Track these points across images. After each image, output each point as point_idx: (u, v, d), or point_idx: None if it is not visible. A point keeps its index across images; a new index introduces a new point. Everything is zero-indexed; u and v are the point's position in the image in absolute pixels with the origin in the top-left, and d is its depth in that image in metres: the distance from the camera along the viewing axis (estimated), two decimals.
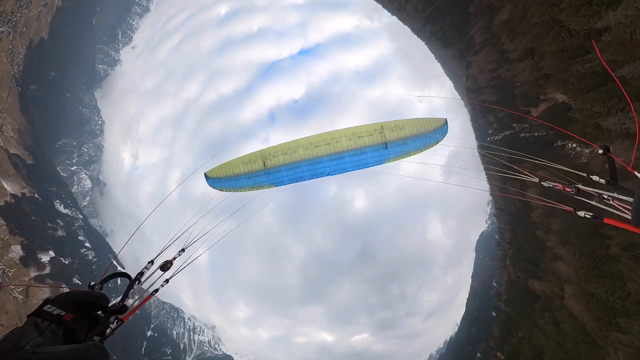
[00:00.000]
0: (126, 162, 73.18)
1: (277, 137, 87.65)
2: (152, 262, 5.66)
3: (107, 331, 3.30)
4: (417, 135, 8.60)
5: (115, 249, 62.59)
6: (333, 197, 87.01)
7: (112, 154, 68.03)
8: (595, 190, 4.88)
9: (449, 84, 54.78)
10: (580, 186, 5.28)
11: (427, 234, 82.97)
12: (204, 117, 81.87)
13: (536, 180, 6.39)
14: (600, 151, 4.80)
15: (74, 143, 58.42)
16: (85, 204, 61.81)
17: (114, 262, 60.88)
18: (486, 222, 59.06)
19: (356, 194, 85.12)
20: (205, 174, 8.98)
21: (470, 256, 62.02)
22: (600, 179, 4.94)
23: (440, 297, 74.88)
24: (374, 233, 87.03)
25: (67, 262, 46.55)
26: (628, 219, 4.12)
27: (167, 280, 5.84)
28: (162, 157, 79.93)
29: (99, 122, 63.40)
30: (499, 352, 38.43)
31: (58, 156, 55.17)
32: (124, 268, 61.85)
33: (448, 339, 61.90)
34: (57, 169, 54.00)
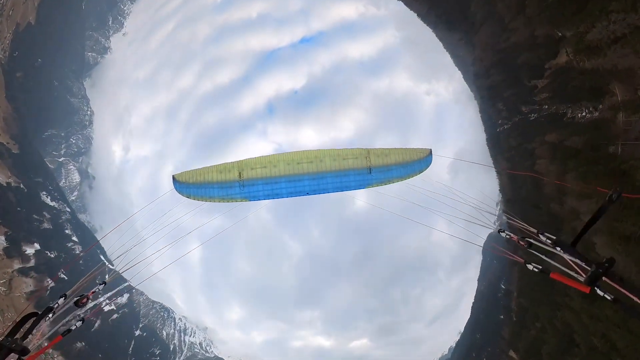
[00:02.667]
0: (117, 154, 74.65)
1: (276, 129, 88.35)
2: (64, 296, 5.39)
3: None
4: (401, 163, 8.89)
5: (105, 246, 63.77)
6: (332, 193, 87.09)
7: (102, 146, 69.49)
8: (546, 247, 5.54)
9: (458, 74, 55.22)
10: (533, 242, 5.93)
11: (432, 235, 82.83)
12: (198, 108, 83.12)
13: (495, 231, 7.16)
14: (615, 196, 4.80)
15: (62, 134, 59.89)
16: (73, 198, 63.24)
17: (103, 258, 62.23)
18: (495, 223, 59.12)
19: (357, 191, 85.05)
20: (173, 176, 8.88)
21: (477, 259, 62.00)
22: (548, 238, 5.56)
23: (444, 302, 75.04)
24: (375, 233, 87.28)
25: (52, 255, 47.89)
26: (574, 276, 4.66)
27: (82, 320, 5.60)
28: (155, 150, 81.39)
29: (88, 112, 64.76)
30: (513, 351, 38.55)
31: (45, 147, 56.61)
32: (113, 265, 63.03)
33: (453, 345, 62.01)
34: (44, 160, 55.42)
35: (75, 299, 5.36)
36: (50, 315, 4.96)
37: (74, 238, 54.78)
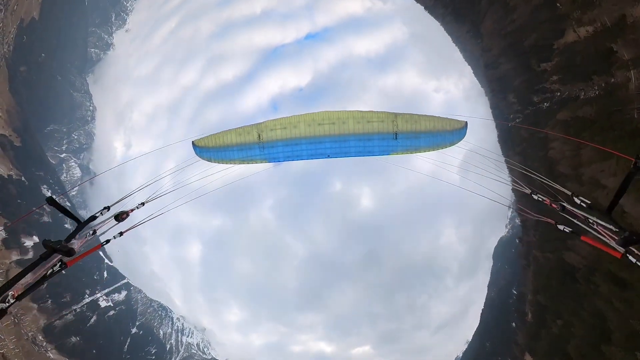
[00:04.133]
0: (118, 151, 77.15)
1: None
2: (108, 208, 6.02)
3: (48, 273, 4.07)
4: (432, 132, 8.51)
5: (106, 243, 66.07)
6: (338, 192, 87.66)
7: (104, 142, 72.08)
8: (579, 212, 5.61)
9: (468, 70, 55.46)
10: (566, 205, 5.92)
11: (440, 239, 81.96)
12: (201, 105, 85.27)
13: (527, 191, 6.98)
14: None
15: (64, 129, 62.59)
16: (74, 193, 65.74)
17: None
18: (506, 226, 58.46)
19: (363, 190, 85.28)
20: (193, 142, 9.15)
21: (487, 265, 61.30)
22: (583, 202, 5.59)
23: (452, 310, 73.89)
24: (381, 235, 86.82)
25: None
26: (604, 240, 4.80)
27: (121, 233, 6.27)
28: (157, 146, 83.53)
29: (91, 108, 67.49)
30: (529, 354, 37.90)
31: (47, 142, 59.28)
32: (111, 262, 64.10)
33: (460, 355, 60.88)
34: (46, 154, 57.99)
35: (116, 213, 5.88)
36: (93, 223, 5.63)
37: None
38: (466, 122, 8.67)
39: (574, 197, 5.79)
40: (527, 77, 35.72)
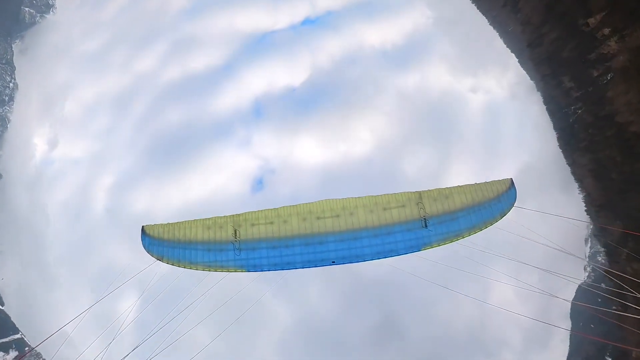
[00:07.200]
0: (38, 149, 73.27)
1: (263, 138, 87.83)
2: None
3: None
4: (471, 207, 8.50)
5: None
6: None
7: (20, 134, 68.75)
8: None
9: (512, 61, 57.67)
10: None
11: (491, 298, 76.26)
12: (159, 100, 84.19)
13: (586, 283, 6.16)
14: None
15: None
16: None
17: None
18: (585, 269, 55.49)
19: None
20: (143, 228, 9.17)
21: (564, 327, 56.78)
22: None
23: None
24: (403, 294, 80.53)
25: None
26: None
27: None
28: (91, 151, 79.80)
29: (11, 84, 65.69)
30: None
31: None
32: (2, 305, 59.09)
33: None
34: None
35: None
36: None
37: None
38: (511, 179, 8.76)
39: None
40: (576, 43, 38.77)
